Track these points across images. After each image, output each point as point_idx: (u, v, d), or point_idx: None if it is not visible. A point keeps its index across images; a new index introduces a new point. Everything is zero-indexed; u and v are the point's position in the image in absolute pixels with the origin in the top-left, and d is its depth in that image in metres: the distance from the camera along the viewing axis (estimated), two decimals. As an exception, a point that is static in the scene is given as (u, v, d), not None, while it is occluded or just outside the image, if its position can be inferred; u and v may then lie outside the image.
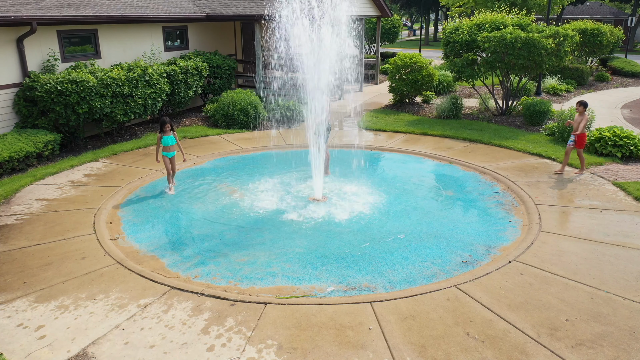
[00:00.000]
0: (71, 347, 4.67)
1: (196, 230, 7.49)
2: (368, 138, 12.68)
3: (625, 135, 10.64)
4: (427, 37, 58.78)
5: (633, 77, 23.92)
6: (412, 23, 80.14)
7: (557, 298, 5.44)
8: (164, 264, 6.44)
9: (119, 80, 11.33)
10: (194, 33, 16.06)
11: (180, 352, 4.60)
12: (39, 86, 10.43)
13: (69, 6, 11.63)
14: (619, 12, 48.15)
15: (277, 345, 4.68)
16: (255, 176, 9.85)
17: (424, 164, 10.78)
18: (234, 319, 5.09)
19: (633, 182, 8.95)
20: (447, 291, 5.60)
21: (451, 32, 14.81)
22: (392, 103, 17.09)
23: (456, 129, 13.13)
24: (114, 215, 7.95)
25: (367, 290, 5.80)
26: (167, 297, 5.50)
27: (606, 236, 6.96)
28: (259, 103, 13.92)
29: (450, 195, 8.90)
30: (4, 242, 6.85)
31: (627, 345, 4.67)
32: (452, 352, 4.57)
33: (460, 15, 36.04)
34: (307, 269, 6.29)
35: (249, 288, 5.83)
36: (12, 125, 10.75)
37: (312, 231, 7.38)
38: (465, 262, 6.47)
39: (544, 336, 4.79)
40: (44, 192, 8.71)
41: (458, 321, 5.03)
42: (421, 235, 7.25)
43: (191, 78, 13.94)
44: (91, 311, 5.24)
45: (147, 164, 10.32)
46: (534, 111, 13.64)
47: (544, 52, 12.89)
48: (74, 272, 6.04)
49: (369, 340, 4.75)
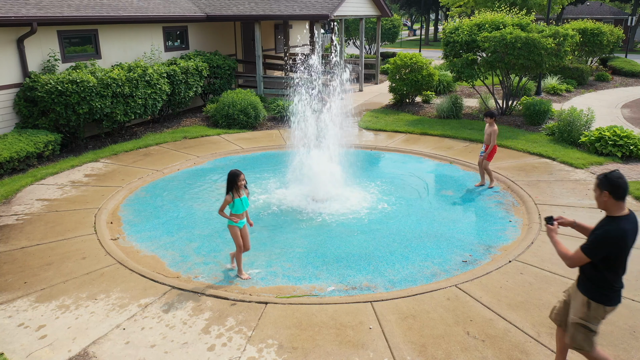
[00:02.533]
0: (72, 347, 4.68)
1: (197, 230, 7.50)
2: (368, 138, 12.69)
3: (625, 135, 10.64)
4: (427, 37, 58.78)
5: (633, 77, 23.92)
6: (412, 23, 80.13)
7: (557, 297, 5.44)
8: (164, 263, 6.45)
9: (119, 80, 11.34)
10: (194, 33, 16.07)
11: (181, 352, 4.61)
12: (40, 86, 10.45)
13: (69, 6, 11.64)
14: (619, 11, 48.14)
15: (278, 344, 4.69)
16: (255, 176, 9.86)
17: (424, 163, 10.78)
18: (234, 319, 5.10)
19: (633, 182, 8.95)
20: (447, 290, 5.61)
21: (451, 32, 14.81)
22: (392, 103, 17.09)
23: (456, 129, 13.13)
24: (114, 215, 7.96)
25: (367, 290, 5.81)
26: (168, 297, 5.51)
27: (606, 236, 6.95)
28: (259, 103, 13.93)
29: (451, 195, 8.91)
30: (4, 242, 6.86)
31: (627, 344, 4.68)
32: (452, 352, 4.58)
33: (460, 15, 36.03)
34: (308, 268, 6.30)
35: (250, 288, 5.84)
36: (12, 126, 10.76)
37: (312, 231, 7.39)
38: (465, 261, 6.48)
39: (544, 335, 4.80)
40: (45, 192, 8.72)
41: (458, 320, 5.04)
42: (421, 235, 7.26)
43: (191, 78, 13.96)
44: (92, 311, 5.25)
45: (147, 164, 10.33)
46: (534, 111, 13.65)
47: (544, 52, 12.88)
48: (74, 272, 6.05)
49: (370, 339, 4.75)
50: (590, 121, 12.00)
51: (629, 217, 3.64)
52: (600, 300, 3.77)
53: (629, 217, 3.64)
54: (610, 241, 3.59)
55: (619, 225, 3.59)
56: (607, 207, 3.68)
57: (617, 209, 3.64)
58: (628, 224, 3.60)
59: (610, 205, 3.65)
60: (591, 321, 3.83)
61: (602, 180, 3.65)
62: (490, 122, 8.91)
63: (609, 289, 3.74)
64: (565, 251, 3.81)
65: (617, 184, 3.57)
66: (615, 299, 3.78)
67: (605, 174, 3.66)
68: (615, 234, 3.58)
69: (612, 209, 3.66)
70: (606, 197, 3.63)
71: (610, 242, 3.59)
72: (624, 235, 3.57)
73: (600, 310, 3.79)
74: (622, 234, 3.57)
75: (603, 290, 3.75)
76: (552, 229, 3.95)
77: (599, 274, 3.73)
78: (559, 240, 3.91)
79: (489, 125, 8.94)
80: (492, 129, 8.86)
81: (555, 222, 3.97)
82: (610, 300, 3.77)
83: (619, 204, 3.62)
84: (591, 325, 3.84)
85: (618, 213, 3.64)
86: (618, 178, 3.58)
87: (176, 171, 10.14)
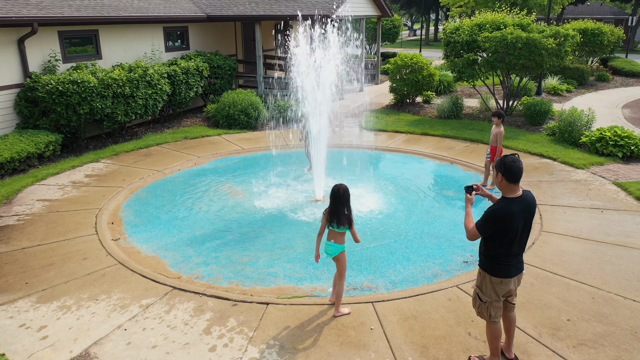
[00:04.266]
0: (73, 348, 4.67)
1: (197, 230, 7.49)
2: (369, 138, 12.68)
3: (626, 135, 10.64)
4: (427, 37, 58.77)
5: (634, 77, 23.91)
6: (412, 23, 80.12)
7: (558, 298, 5.44)
8: (165, 264, 6.45)
9: (120, 80, 11.34)
10: (195, 33, 16.07)
11: (183, 353, 4.60)
12: (40, 87, 10.45)
13: (69, 7, 11.64)
14: (619, 11, 48.12)
15: (279, 345, 4.69)
16: (256, 176, 9.86)
17: (425, 164, 10.78)
18: (235, 319, 5.09)
19: (634, 182, 8.95)
20: (448, 291, 5.61)
21: (452, 32, 14.81)
22: (393, 103, 17.09)
23: (457, 129, 13.13)
24: (115, 215, 7.96)
25: (368, 291, 5.80)
26: (169, 298, 5.51)
27: (607, 236, 6.96)
28: (259, 103, 13.93)
29: (452, 195, 8.90)
30: (5, 242, 6.86)
31: (628, 345, 4.67)
32: (453, 352, 4.57)
33: (460, 15, 36.04)
34: (309, 269, 6.29)
35: (251, 288, 5.84)
36: (13, 126, 10.76)
37: (313, 231, 7.37)
38: (466, 262, 6.47)
39: (546, 336, 4.79)
40: (46, 192, 8.72)
41: (460, 321, 5.04)
42: (422, 235, 7.25)
43: (192, 78, 13.96)
44: (93, 311, 5.24)
45: (148, 165, 10.33)
46: (535, 111, 13.65)
47: (544, 52, 12.88)
48: (75, 273, 6.04)
49: (371, 340, 4.75)
50: (591, 121, 11.99)
51: (519, 199, 3.92)
52: (487, 270, 4.12)
53: (519, 198, 3.93)
54: (496, 220, 3.90)
55: (506, 206, 3.89)
56: (501, 188, 4.00)
57: (509, 191, 3.95)
58: (516, 206, 3.89)
59: (503, 187, 3.97)
60: (482, 289, 4.20)
61: (499, 163, 3.98)
62: (497, 123, 8.67)
63: (495, 262, 4.06)
64: (468, 224, 4.13)
65: (509, 168, 3.88)
66: (500, 271, 4.07)
67: (502, 157, 3.98)
68: (500, 215, 3.88)
69: (505, 190, 3.98)
70: (500, 178, 3.96)
71: (495, 221, 3.90)
72: (510, 216, 3.85)
73: (487, 279, 4.14)
74: (507, 215, 3.86)
75: (490, 262, 4.09)
76: (469, 199, 4.25)
77: (488, 248, 4.08)
78: (471, 212, 4.21)
79: (495, 126, 8.72)
80: (498, 130, 8.64)
81: (473, 193, 4.25)
82: (494, 272, 4.08)
83: (511, 186, 3.93)
84: (482, 294, 4.20)
85: (510, 195, 3.95)
86: (512, 162, 3.90)
87: (177, 171, 10.14)
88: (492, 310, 4.18)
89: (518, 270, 4.15)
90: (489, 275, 4.12)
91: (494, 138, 8.73)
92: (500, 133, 8.65)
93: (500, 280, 4.09)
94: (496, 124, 8.72)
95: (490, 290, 4.14)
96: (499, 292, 4.14)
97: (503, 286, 4.12)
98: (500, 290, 4.13)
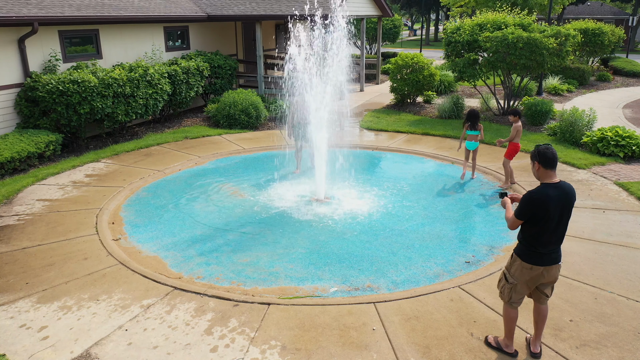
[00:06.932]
0: (74, 348, 4.66)
1: (198, 230, 7.47)
2: (369, 138, 12.67)
3: (627, 135, 10.62)
4: (427, 37, 58.74)
5: (634, 77, 23.89)
6: (412, 23, 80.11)
7: (560, 298, 5.42)
8: (166, 264, 6.43)
9: (121, 80, 11.32)
10: (195, 33, 16.05)
11: (184, 353, 4.59)
12: (41, 86, 10.43)
13: (70, 6, 11.62)
14: (620, 11, 48.10)
15: (281, 346, 4.67)
16: (257, 176, 9.84)
17: (425, 164, 10.76)
18: (237, 320, 5.08)
19: (636, 182, 8.93)
20: (450, 291, 5.59)
21: (453, 32, 14.80)
22: (394, 103, 17.07)
23: (458, 129, 13.10)
24: (116, 215, 7.94)
25: (370, 291, 5.78)
26: (170, 298, 5.49)
27: (609, 236, 6.94)
28: (260, 103, 13.91)
29: (453, 195, 8.88)
30: (6, 242, 6.84)
31: (631, 345, 4.66)
32: (456, 353, 4.56)
33: (461, 15, 36.00)
34: (310, 269, 6.28)
35: (252, 289, 5.82)
36: (13, 126, 10.74)
37: (314, 231, 7.37)
38: (468, 262, 6.46)
39: (548, 337, 4.78)
40: (46, 192, 8.70)
41: (462, 322, 5.02)
42: (424, 235, 7.23)
43: (192, 78, 13.94)
44: (94, 312, 5.23)
45: (148, 164, 10.31)
46: (536, 111, 13.63)
47: (545, 52, 12.87)
48: (76, 273, 6.03)
49: (373, 340, 4.73)
50: (592, 121, 11.98)
51: (557, 185, 4.03)
52: (520, 255, 4.22)
53: (557, 184, 4.03)
54: (532, 202, 4.00)
55: (543, 190, 4.00)
56: (539, 176, 4.13)
57: (546, 177, 4.07)
58: (553, 190, 3.99)
59: (541, 174, 4.09)
60: (510, 271, 4.32)
61: (533, 152, 4.12)
62: (514, 120, 8.81)
63: (529, 248, 4.16)
64: (508, 214, 4.28)
65: (543, 153, 4.03)
66: (532, 258, 4.16)
67: (535, 147, 4.13)
68: (536, 197, 3.98)
69: (542, 177, 4.10)
70: (537, 167, 4.09)
71: (531, 202, 4.00)
72: (546, 199, 3.95)
73: (517, 263, 4.24)
74: (544, 197, 3.96)
75: (524, 247, 4.19)
76: (505, 200, 4.46)
77: (524, 233, 4.18)
78: (509, 206, 4.38)
79: (514, 123, 8.84)
80: (513, 127, 8.80)
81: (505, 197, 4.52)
82: (527, 257, 4.18)
83: (547, 172, 4.05)
84: (508, 275, 4.33)
85: (547, 181, 4.06)
86: (545, 149, 4.05)
87: (178, 171, 10.12)
88: (514, 294, 4.31)
89: (552, 260, 4.18)
90: (520, 259, 4.21)
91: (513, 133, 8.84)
92: (514, 128, 8.78)
93: (531, 267, 4.16)
94: (513, 122, 8.84)
95: (518, 273, 4.24)
96: (526, 278, 4.21)
97: (532, 272, 4.18)
98: (528, 275, 4.20)
